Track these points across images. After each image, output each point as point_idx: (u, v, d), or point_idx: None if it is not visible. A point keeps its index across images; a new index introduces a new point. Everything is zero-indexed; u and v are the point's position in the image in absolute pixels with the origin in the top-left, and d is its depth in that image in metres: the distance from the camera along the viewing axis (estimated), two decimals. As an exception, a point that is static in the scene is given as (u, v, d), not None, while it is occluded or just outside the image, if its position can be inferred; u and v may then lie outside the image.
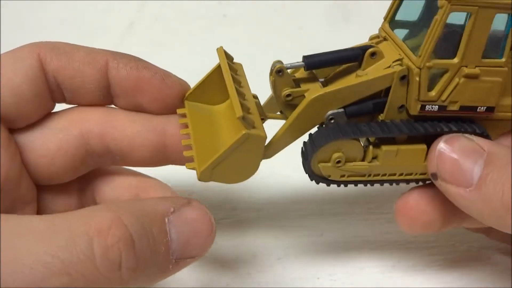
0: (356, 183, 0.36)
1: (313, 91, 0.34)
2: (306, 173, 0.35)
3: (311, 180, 0.35)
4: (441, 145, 0.33)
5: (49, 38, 0.44)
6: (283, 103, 0.35)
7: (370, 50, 0.33)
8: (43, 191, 0.36)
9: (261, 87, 0.38)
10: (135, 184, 0.37)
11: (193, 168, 0.33)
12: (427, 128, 0.34)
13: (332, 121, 0.34)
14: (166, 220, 0.29)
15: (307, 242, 0.44)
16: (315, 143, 0.34)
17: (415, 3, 0.35)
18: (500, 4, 0.31)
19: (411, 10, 0.34)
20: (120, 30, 0.54)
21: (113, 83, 0.35)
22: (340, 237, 0.45)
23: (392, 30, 0.35)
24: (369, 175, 0.35)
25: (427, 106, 0.33)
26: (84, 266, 0.25)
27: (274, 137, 0.34)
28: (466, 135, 0.33)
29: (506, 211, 0.30)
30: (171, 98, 0.35)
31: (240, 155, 0.32)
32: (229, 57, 0.36)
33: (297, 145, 0.35)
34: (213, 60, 0.37)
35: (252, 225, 0.46)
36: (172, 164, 0.36)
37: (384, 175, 0.35)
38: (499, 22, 0.32)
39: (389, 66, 0.33)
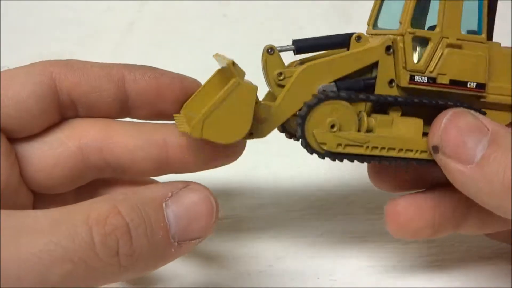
0: (353, 157, 0.35)
1: (304, 65, 0.35)
2: (302, 143, 0.34)
3: (305, 148, 0.34)
4: (447, 117, 0.33)
5: (50, 38, 0.44)
6: (275, 84, 0.35)
7: (356, 34, 0.35)
8: (39, 197, 0.36)
9: (261, 87, 0.38)
10: None
11: (184, 130, 0.32)
12: (421, 99, 0.34)
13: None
14: (164, 205, 0.29)
15: (307, 242, 0.44)
16: (309, 104, 0.34)
17: (396, 8, 0.36)
18: None
19: (392, 16, 0.35)
20: (120, 30, 0.54)
21: (132, 95, 0.35)
22: (340, 237, 0.45)
23: (379, 31, 0.37)
24: (367, 147, 0.34)
25: (416, 77, 0.34)
26: (85, 253, 0.26)
27: (268, 112, 0.34)
28: (472, 111, 0.33)
29: (505, 193, 0.30)
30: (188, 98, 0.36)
31: (231, 106, 0.31)
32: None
33: (297, 146, 0.35)
34: (213, 60, 0.37)
35: (252, 225, 0.46)
36: (173, 173, 0.37)
37: (383, 148, 0.34)
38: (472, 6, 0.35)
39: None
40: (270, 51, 0.35)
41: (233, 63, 0.31)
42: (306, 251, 0.44)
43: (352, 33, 0.35)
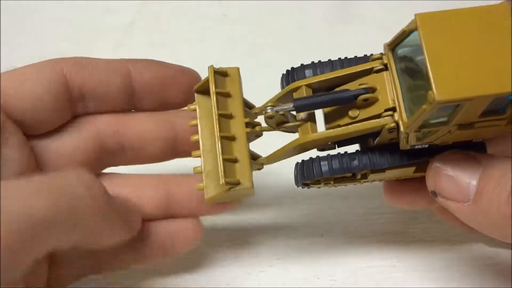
0: (346, 184, 0.37)
1: (304, 130, 0.34)
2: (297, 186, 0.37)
3: (298, 186, 0.37)
4: (436, 164, 0.33)
5: (49, 38, 0.44)
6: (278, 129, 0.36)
7: (362, 97, 0.32)
8: None
9: (260, 87, 0.38)
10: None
11: (201, 189, 0.37)
12: (420, 155, 0.33)
13: (323, 150, 0.35)
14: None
15: (307, 242, 0.44)
16: (304, 175, 0.35)
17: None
18: (494, 94, 0.27)
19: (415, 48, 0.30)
20: (120, 30, 0.54)
21: (138, 87, 0.37)
22: (340, 237, 0.45)
23: (396, 56, 0.32)
24: (359, 182, 0.36)
25: (417, 146, 0.33)
26: (70, 194, 0.28)
27: (272, 154, 0.36)
28: (461, 150, 0.33)
29: (504, 222, 0.30)
30: (192, 87, 0.38)
31: (233, 196, 0.36)
32: (221, 74, 0.37)
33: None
34: (213, 60, 0.37)
35: (252, 225, 0.46)
36: (180, 157, 0.40)
37: (374, 181, 0.36)
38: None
39: (380, 114, 0.32)
40: (270, 118, 0.35)
41: (226, 184, 0.34)
42: (306, 251, 0.44)
43: (360, 93, 0.32)
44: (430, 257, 0.43)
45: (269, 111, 0.35)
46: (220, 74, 0.37)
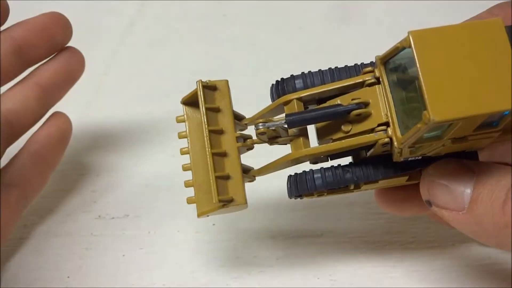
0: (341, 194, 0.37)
1: (297, 145, 0.34)
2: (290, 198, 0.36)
3: (302, 198, 0.36)
4: (430, 173, 0.33)
5: (49, 38, 0.43)
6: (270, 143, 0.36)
7: (355, 112, 0.32)
8: None
9: (260, 87, 0.38)
10: None
11: (193, 203, 0.36)
12: (413, 166, 0.33)
13: (316, 163, 0.35)
14: None
15: (307, 242, 0.44)
16: (298, 188, 0.35)
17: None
18: (488, 113, 0.27)
19: (408, 60, 0.30)
20: (120, 30, 0.54)
21: (26, 48, 0.43)
22: (340, 237, 0.45)
23: (388, 70, 0.32)
24: (352, 192, 0.36)
25: (410, 158, 0.33)
26: None
27: (264, 167, 0.36)
28: (455, 159, 0.33)
29: (498, 231, 0.30)
30: (67, 24, 0.45)
31: (226, 212, 0.35)
32: (210, 88, 0.37)
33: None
34: (213, 60, 0.37)
35: (252, 225, 0.46)
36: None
37: (366, 190, 0.36)
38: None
39: (374, 129, 0.31)
40: (262, 134, 0.35)
41: (219, 201, 0.34)
42: (306, 251, 0.44)
43: (352, 108, 0.32)
44: (429, 257, 0.43)
45: (260, 127, 0.34)
46: (209, 88, 0.36)
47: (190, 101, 0.37)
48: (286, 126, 0.33)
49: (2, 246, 0.40)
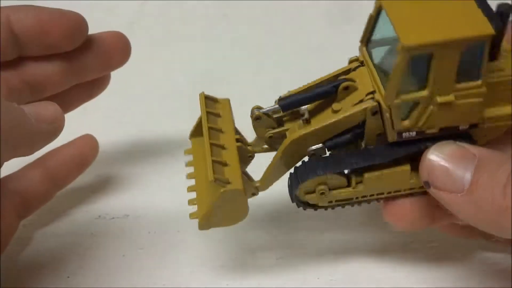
0: (344, 205, 0.37)
1: (292, 131, 0.36)
2: (293, 202, 0.37)
3: (298, 207, 0.37)
4: (431, 153, 0.33)
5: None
6: (268, 142, 0.37)
7: (343, 85, 0.34)
8: None
9: (260, 87, 0.38)
10: None
11: (195, 218, 0.36)
12: (409, 149, 0.34)
13: (314, 156, 0.35)
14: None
15: (307, 242, 0.44)
16: (298, 179, 0.35)
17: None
18: (462, 39, 0.29)
19: (388, 27, 0.31)
20: (120, 30, 0.54)
21: (20, 35, 0.39)
22: (340, 237, 0.45)
23: (371, 49, 0.35)
24: (356, 198, 0.36)
25: (404, 134, 0.33)
26: None
27: (264, 173, 0.36)
28: (456, 142, 0.33)
29: (497, 215, 0.30)
30: (72, 29, 0.40)
31: (226, 206, 0.35)
32: (212, 100, 0.38)
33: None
34: (213, 60, 0.37)
35: (252, 225, 0.46)
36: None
37: (372, 195, 0.36)
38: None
39: (362, 100, 0.33)
40: (258, 120, 0.36)
41: (215, 180, 0.33)
42: (306, 251, 0.44)
43: (340, 82, 0.34)
44: (430, 257, 0.43)
45: (255, 112, 0.36)
46: (210, 99, 0.38)
47: (196, 133, 0.38)
48: (280, 110, 0.36)
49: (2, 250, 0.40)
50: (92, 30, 0.42)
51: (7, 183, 0.42)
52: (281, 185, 0.37)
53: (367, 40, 0.34)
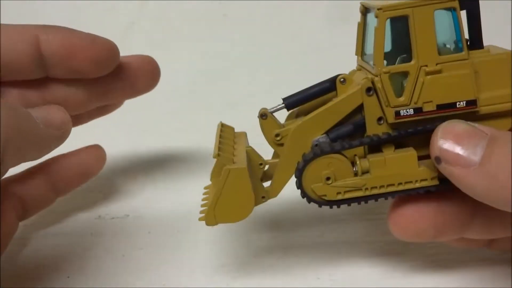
0: (353, 200, 0.36)
1: (295, 124, 0.36)
2: (303, 196, 0.37)
3: (309, 202, 0.37)
4: (442, 127, 0.33)
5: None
6: (275, 144, 0.37)
7: (340, 76, 0.36)
8: None
9: (260, 87, 0.38)
10: None
11: (201, 219, 0.36)
12: (409, 131, 0.35)
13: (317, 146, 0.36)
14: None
15: (307, 242, 0.44)
16: (305, 158, 0.35)
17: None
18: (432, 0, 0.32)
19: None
20: (120, 30, 0.54)
21: (47, 55, 0.38)
22: (340, 237, 0.45)
23: (367, 60, 0.37)
24: (366, 189, 0.36)
25: (401, 111, 0.34)
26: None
27: (273, 177, 0.37)
28: (467, 122, 0.33)
29: None
30: (102, 58, 0.39)
31: (230, 189, 0.35)
32: (229, 128, 0.40)
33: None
34: (212, 60, 0.37)
35: (252, 225, 0.46)
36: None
37: (382, 186, 0.36)
38: (447, 19, 0.34)
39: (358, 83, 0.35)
40: (264, 117, 0.37)
41: (218, 155, 0.35)
42: (306, 251, 0.44)
43: (336, 76, 0.36)
44: (430, 257, 0.43)
45: (261, 110, 0.37)
46: (227, 127, 0.40)
47: (216, 174, 0.39)
48: (284, 108, 0.37)
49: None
50: (92, 30, 0.42)
51: (8, 184, 0.42)
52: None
53: (361, 51, 0.37)
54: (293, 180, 0.37)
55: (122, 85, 0.42)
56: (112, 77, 0.41)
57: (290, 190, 0.47)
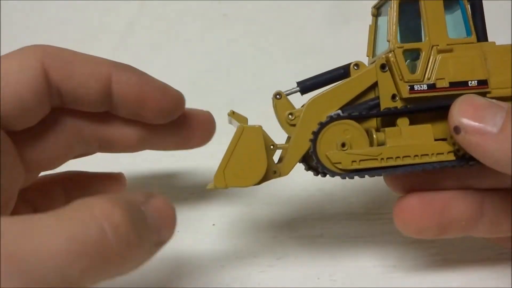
0: (369, 171, 0.35)
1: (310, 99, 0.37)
2: (316, 163, 0.36)
3: (324, 175, 0.37)
4: (462, 99, 0.34)
5: (49, 38, 0.43)
6: (288, 125, 0.37)
7: (353, 62, 0.37)
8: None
9: (261, 86, 0.38)
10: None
11: (209, 187, 0.36)
12: (426, 105, 0.35)
13: None
14: (142, 208, 0.30)
15: (307, 242, 0.44)
16: (322, 122, 0.36)
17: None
18: None
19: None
20: (120, 30, 0.54)
21: (116, 96, 0.37)
22: (340, 237, 0.45)
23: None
24: (382, 159, 0.35)
25: (415, 86, 0.35)
26: (100, 245, 0.27)
27: (286, 153, 0.36)
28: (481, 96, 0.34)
29: None
30: (170, 109, 0.38)
31: (244, 150, 0.34)
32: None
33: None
34: (212, 60, 0.37)
35: (252, 225, 0.46)
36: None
37: (398, 158, 0.35)
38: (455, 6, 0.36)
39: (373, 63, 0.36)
40: (278, 97, 0.37)
41: (233, 112, 0.35)
42: (306, 251, 0.44)
43: (350, 63, 0.37)
44: (430, 257, 0.43)
45: (276, 90, 0.37)
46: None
47: None
48: (299, 92, 0.37)
49: None
50: (92, 30, 0.42)
51: (24, 193, 0.39)
52: (282, 185, 0.37)
53: (372, 53, 0.39)
54: (293, 180, 0.37)
55: (178, 136, 0.41)
56: (171, 127, 0.40)
57: (290, 190, 0.47)
